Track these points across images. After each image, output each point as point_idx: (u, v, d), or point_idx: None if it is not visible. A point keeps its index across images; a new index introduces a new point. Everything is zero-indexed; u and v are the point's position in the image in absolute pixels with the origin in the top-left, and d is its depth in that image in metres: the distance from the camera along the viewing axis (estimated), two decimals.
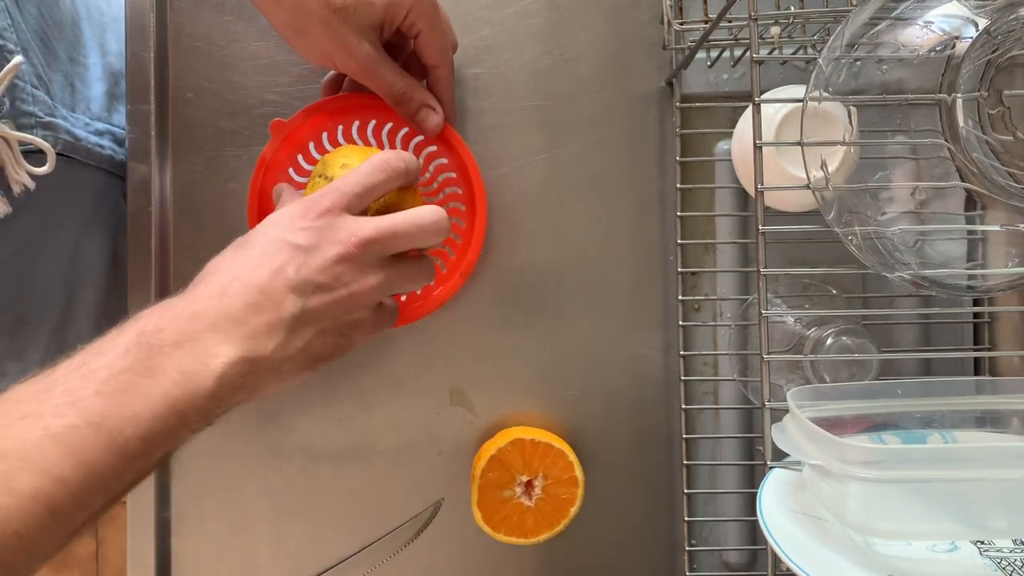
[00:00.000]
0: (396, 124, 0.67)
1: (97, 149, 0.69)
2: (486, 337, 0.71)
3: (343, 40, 0.58)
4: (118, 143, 0.72)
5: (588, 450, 0.71)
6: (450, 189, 0.68)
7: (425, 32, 0.61)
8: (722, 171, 0.71)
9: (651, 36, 0.71)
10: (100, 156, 0.69)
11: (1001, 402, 0.52)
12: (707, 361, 0.72)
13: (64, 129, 0.65)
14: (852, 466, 0.41)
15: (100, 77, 0.72)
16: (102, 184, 0.71)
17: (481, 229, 0.67)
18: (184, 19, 0.71)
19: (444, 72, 0.64)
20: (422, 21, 0.61)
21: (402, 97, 0.62)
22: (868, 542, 0.46)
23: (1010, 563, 0.45)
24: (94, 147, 0.68)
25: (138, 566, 0.69)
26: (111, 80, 0.74)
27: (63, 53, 0.68)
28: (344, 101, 0.66)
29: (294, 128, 0.66)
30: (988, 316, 0.68)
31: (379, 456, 0.71)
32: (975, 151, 0.43)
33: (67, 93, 0.67)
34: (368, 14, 0.58)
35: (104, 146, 0.70)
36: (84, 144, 0.67)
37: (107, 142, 0.70)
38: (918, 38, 0.45)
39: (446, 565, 0.71)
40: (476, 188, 0.67)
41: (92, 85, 0.71)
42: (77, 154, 0.67)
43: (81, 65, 0.70)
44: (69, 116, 0.66)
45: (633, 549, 0.71)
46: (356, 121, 0.67)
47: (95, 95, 0.71)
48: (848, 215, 0.48)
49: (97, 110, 0.71)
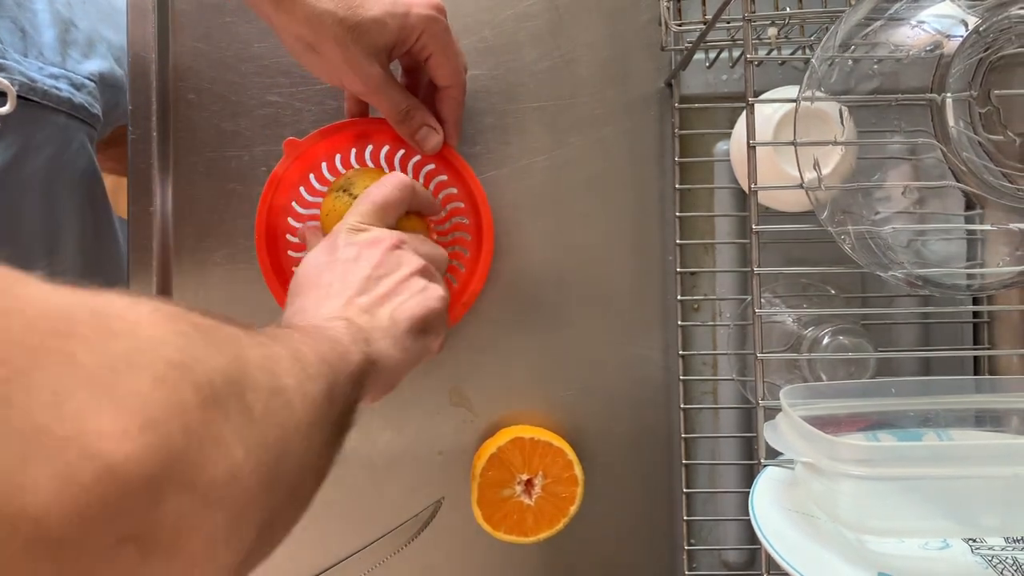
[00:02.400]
0: (408, 152, 0.67)
1: (55, 91, 0.70)
2: (486, 336, 0.72)
3: (353, 59, 0.58)
4: (75, 87, 0.73)
5: (588, 449, 0.71)
6: (457, 219, 0.69)
7: (436, 55, 0.62)
8: (721, 171, 0.71)
9: (650, 37, 0.71)
10: (58, 98, 0.71)
11: (999, 401, 0.52)
12: (706, 361, 0.72)
13: (18, 71, 0.66)
14: (843, 464, 0.41)
15: (49, 23, 0.74)
16: (63, 125, 0.73)
17: (487, 259, 0.68)
18: (185, 20, 0.71)
19: (454, 92, 0.65)
20: (433, 44, 0.61)
21: (404, 116, 0.63)
22: (860, 540, 0.46)
23: (1001, 561, 0.45)
24: (51, 89, 0.70)
25: None
26: (60, 27, 0.75)
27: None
28: (360, 126, 0.67)
29: (307, 148, 0.66)
30: (987, 316, 0.68)
31: (379, 456, 0.72)
32: (966, 151, 0.43)
33: (17, 38, 0.69)
34: (381, 35, 0.58)
35: (61, 88, 0.71)
36: (40, 86, 0.69)
37: (64, 85, 0.72)
38: (910, 38, 0.45)
39: (446, 564, 0.72)
40: (484, 220, 0.68)
41: (42, 31, 0.72)
42: (34, 95, 0.68)
43: (28, 11, 0.72)
44: (22, 60, 0.68)
45: (632, 548, 0.72)
46: (370, 146, 0.67)
47: (46, 40, 0.73)
48: (841, 215, 0.48)
49: (49, 55, 0.72)
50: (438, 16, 0.60)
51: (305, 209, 0.67)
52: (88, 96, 0.76)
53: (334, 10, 0.56)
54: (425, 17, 0.59)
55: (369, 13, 0.57)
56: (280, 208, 0.66)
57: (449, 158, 0.67)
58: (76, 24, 0.77)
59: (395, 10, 0.58)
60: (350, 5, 0.57)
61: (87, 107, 0.75)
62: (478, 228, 0.68)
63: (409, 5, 0.59)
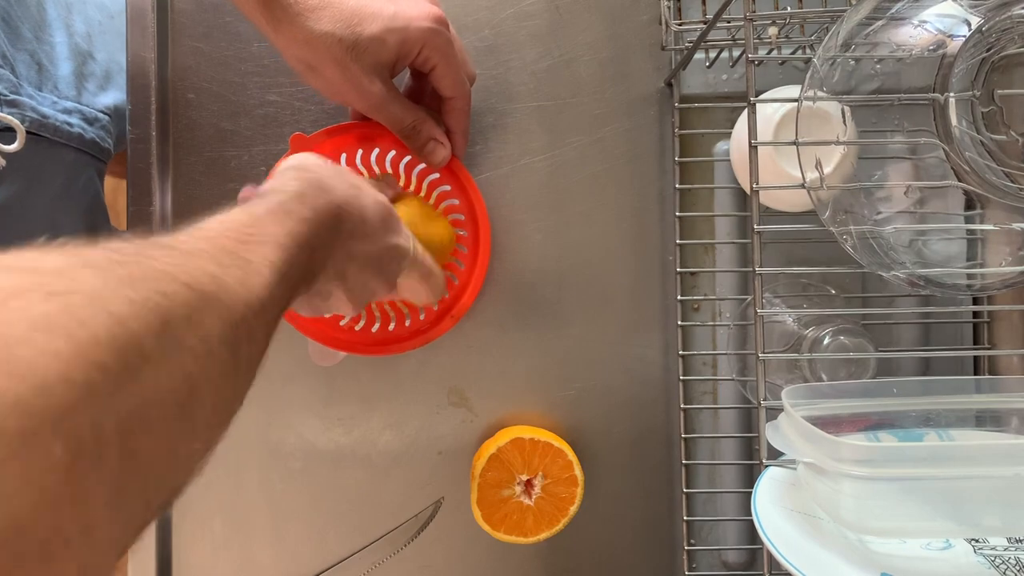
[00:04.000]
0: (413, 159, 0.67)
1: (65, 127, 0.70)
2: (485, 336, 0.71)
3: (354, 78, 0.58)
4: (88, 122, 0.73)
5: (588, 449, 0.71)
6: (457, 231, 0.69)
7: (440, 67, 0.62)
8: (721, 171, 0.71)
9: (650, 37, 0.71)
10: (69, 134, 0.71)
11: (1000, 401, 0.52)
12: (706, 361, 0.72)
13: (30, 107, 0.66)
14: (845, 464, 0.41)
15: (67, 56, 0.73)
16: (72, 161, 0.72)
17: (481, 273, 0.68)
18: (185, 20, 0.71)
19: (459, 103, 0.64)
20: (436, 56, 0.61)
21: (410, 131, 0.63)
22: (862, 540, 0.46)
23: (1004, 561, 0.45)
24: (62, 125, 0.69)
25: (138, 566, 0.70)
26: (78, 60, 0.74)
27: (28, 32, 0.68)
28: (368, 129, 0.66)
29: (313, 145, 0.66)
30: (987, 315, 0.68)
31: (379, 456, 0.72)
32: (968, 151, 0.43)
33: (33, 72, 0.68)
34: (380, 52, 0.58)
35: (73, 124, 0.71)
36: (52, 122, 0.68)
37: (76, 120, 0.71)
38: (912, 37, 0.45)
39: (446, 564, 0.72)
40: (482, 232, 0.68)
41: (59, 64, 0.72)
42: (45, 131, 0.68)
43: (47, 44, 0.71)
44: (35, 95, 0.67)
45: (632, 548, 0.72)
46: (376, 149, 0.67)
47: (62, 74, 0.72)
48: (843, 215, 0.48)
49: (64, 89, 0.72)
50: (439, 29, 0.60)
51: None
52: (100, 131, 0.75)
53: (332, 31, 0.56)
54: (426, 30, 0.59)
55: (367, 31, 0.57)
56: None
57: (454, 169, 0.67)
58: (95, 56, 0.76)
59: (394, 25, 0.58)
60: (348, 24, 0.57)
61: (98, 142, 0.75)
62: (475, 241, 0.68)
63: (409, 19, 0.59)
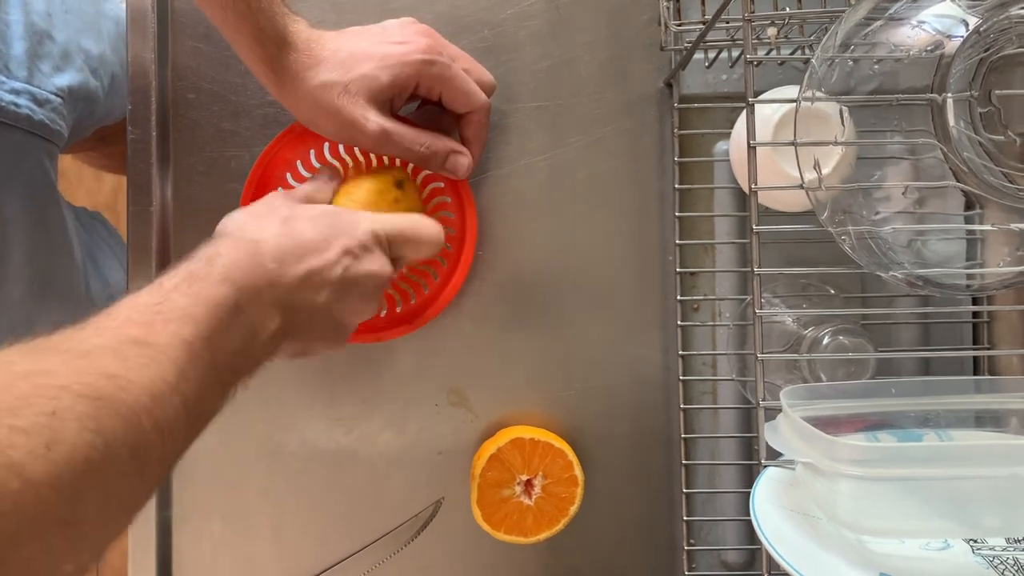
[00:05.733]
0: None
1: (12, 108, 0.70)
2: (486, 336, 0.71)
3: (352, 115, 0.59)
4: (38, 103, 0.72)
5: (588, 449, 0.71)
6: (443, 213, 0.69)
7: (445, 92, 0.62)
8: (720, 171, 0.71)
9: (650, 37, 0.71)
10: (16, 115, 0.70)
11: (999, 401, 0.52)
12: (706, 361, 0.72)
13: None
14: (842, 464, 0.41)
15: (21, 36, 0.73)
16: (19, 142, 0.72)
17: (465, 266, 0.68)
18: (185, 20, 0.71)
19: (476, 116, 0.65)
20: (436, 84, 0.61)
21: (427, 155, 0.62)
22: (861, 540, 0.46)
23: (1003, 561, 0.45)
24: (8, 105, 0.69)
25: (138, 566, 0.70)
26: (33, 39, 0.74)
27: None
28: None
29: (282, 149, 0.67)
30: (987, 316, 0.68)
31: (379, 456, 0.72)
32: (966, 151, 0.43)
33: None
34: (373, 87, 0.59)
35: (20, 104, 0.70)
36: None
37: (24, 101, 0.71)
38: (910, 38, 0.45)
39: (446, 564, 0.72)
40: (468, 234, 0.68)
41: (12, 44, 0.72)
42: None
43: (1, 23, 0.71)
44: None
45: (632, 548, 0.72)
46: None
47: (14, 53, 0.72)
48: (841, 215, 0.48)
49: (16, 69, 0.71)
50: (430, 59, 0.60)
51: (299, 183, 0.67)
52: (51, 112, 0.74)
53: (329, 79, 0.59)
54: (417, 63, 0.60)
55: (359, 70, 0.59)
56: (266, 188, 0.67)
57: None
58: (53, 36, 0.76)
59: (385, 63, 0.59)
60: (344, 70, 0.59)
61: (47, 124, 0.74)
62: (461, 240, 0.69)
63: (401, 55, 0.59)
